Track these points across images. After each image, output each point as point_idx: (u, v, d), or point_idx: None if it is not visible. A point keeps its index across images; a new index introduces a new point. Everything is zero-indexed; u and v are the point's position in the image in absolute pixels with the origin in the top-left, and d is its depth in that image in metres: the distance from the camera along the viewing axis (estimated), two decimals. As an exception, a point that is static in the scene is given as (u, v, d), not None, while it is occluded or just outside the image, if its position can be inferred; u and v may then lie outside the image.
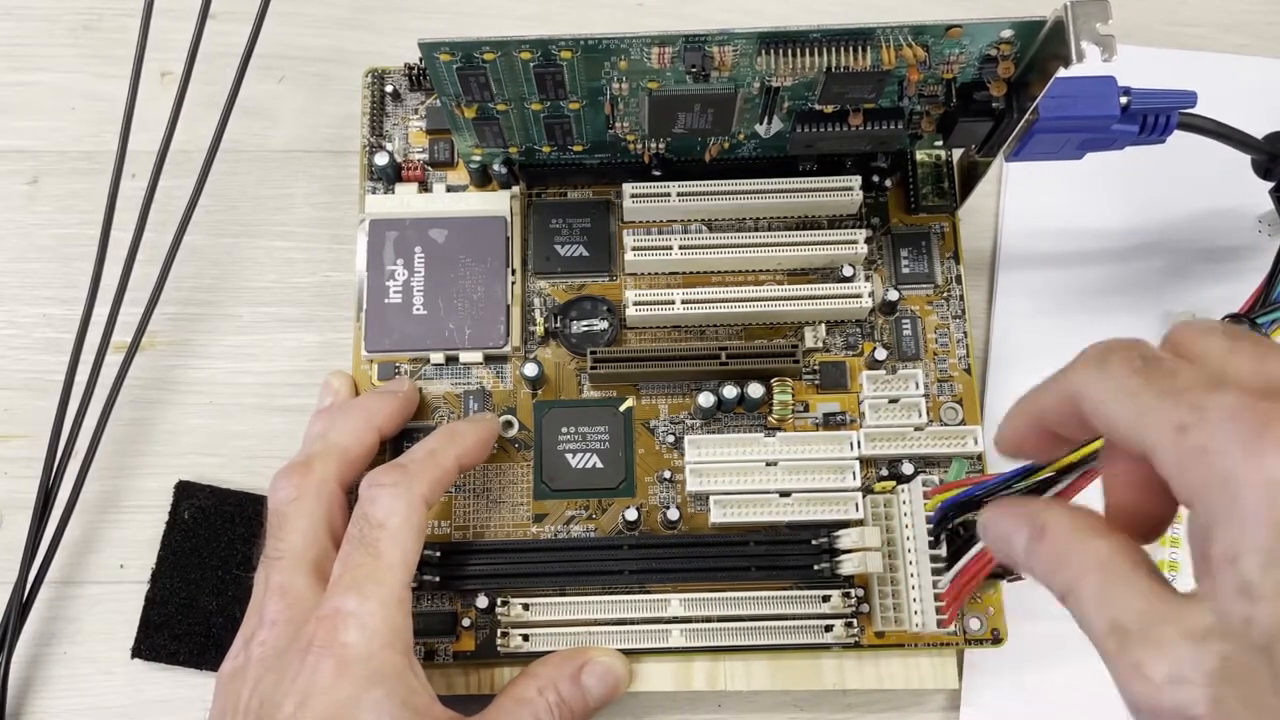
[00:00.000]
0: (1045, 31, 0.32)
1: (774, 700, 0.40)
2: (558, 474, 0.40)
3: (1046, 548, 0.25)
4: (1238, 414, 0.20)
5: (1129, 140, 0.37)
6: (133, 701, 0.40)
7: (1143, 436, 0.22)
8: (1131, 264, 0.44)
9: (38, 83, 0.47)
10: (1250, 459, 0.20)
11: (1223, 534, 0.20)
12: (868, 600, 0.38)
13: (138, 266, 0.41)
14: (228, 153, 0.44)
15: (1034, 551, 0.25)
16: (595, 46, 0.33)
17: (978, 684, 0.40)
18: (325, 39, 0.47)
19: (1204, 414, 0.21)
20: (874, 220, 0.43)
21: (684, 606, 0.38)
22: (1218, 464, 0.20)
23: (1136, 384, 0.22)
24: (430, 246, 0.41)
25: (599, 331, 0.41)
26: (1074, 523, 0.25)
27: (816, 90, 0.36)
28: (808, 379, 0.41)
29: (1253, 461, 0.20)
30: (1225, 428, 0.20)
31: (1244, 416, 0.20)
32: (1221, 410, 0.21)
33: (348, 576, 0.32)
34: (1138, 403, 0.22)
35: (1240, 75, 0.46)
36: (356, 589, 0.32)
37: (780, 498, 0.38)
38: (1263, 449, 0.20)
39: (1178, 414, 0.21)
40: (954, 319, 0.42)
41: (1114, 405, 0.23)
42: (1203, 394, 0.21)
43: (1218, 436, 0.20)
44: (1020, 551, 0.26)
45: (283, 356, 0.43)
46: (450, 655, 0.38)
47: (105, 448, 0.41)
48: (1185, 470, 0.21)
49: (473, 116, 0.37)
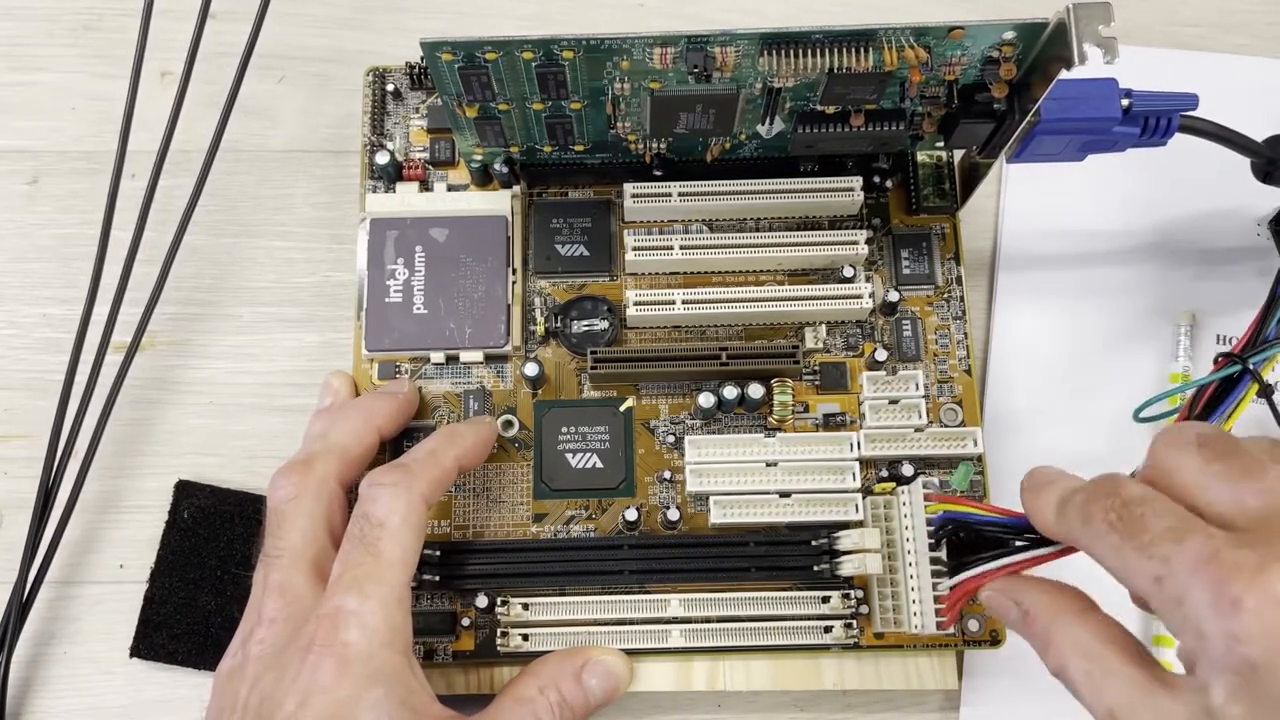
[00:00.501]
0: (1047, 33, 0.33)
1: (774, 700, 0.40)
2: (558, 474, 0.40)
3: (1031, 630, 0.28)
4: (1200, 568, 0.23)
5: (1130, 142, 0.37)
6: (133, 701, 0.40)
7: (1131, 586, 0.25)
8: (1132, 266, 0.44)
9: (38, 83, 0.46)
10: (1216, 618, 0.22)
11: (1200, 667, 0.23)
12: (867, 601, 0.38)
13: (138, 266, 0.41)
14: (228, 153, 0.44)
15: (1023, 632, 0.28)
16: (597, 46, 0.33)
17: (977, 684, 0.40)
18: (325, 39, 0.47)
19: (1171, 567, 0.23)
20: (875, 221, 0.43)
21: (684, 607, 0.38)
22: (1190, 616, 0.23)
23: (1116, 540, 0.25)
24: (431, 246, 0.41)
25: (599, 331, 0.41)
26: (1055, 605, 0.27)
27: (818, 91, 0.36)
28: (808, 380, 0.41)
29: (1219, 620, 0.22)
30: (1191, 583, 0.23)
31: (1206, 571, 0.23)
32: (1185, 565, 0.23)
33: (348, 575, 0.32)
34: (1121, 558, 0.25)
35: (1240, 76, 0.46)
36: (357, 588, 0.32)
37: (780, 498, 0.38)
38: (1221, 608, 0.22)
39: (1152, 566, 0.24)
40: (954, 320, 0.42)
41: (1104, 558, 0.25)
42: (1170, 545, 0.24)
43: (1188, 590, 0.23)
44: (1013, 627, 0.29)
45: (283, 356, 0.43)
46: (450, 655, 0.38)
47: (105, 448, 0.41)
48: (1167, 616, 0.24)
49: (474, 116, 0.37)
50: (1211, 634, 0.22)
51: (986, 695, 0.40)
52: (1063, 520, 0.27)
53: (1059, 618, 0.27)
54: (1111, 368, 0.43)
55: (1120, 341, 0.43)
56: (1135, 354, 0.43)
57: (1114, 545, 0.25)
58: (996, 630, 0.38)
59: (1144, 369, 0.43)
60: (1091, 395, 0.42)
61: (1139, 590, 0.24)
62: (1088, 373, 0.43)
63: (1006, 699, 0.39)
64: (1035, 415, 0.42)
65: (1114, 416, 0.42)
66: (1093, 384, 0.43)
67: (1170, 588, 0.23)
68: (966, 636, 0.38)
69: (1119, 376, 0.43)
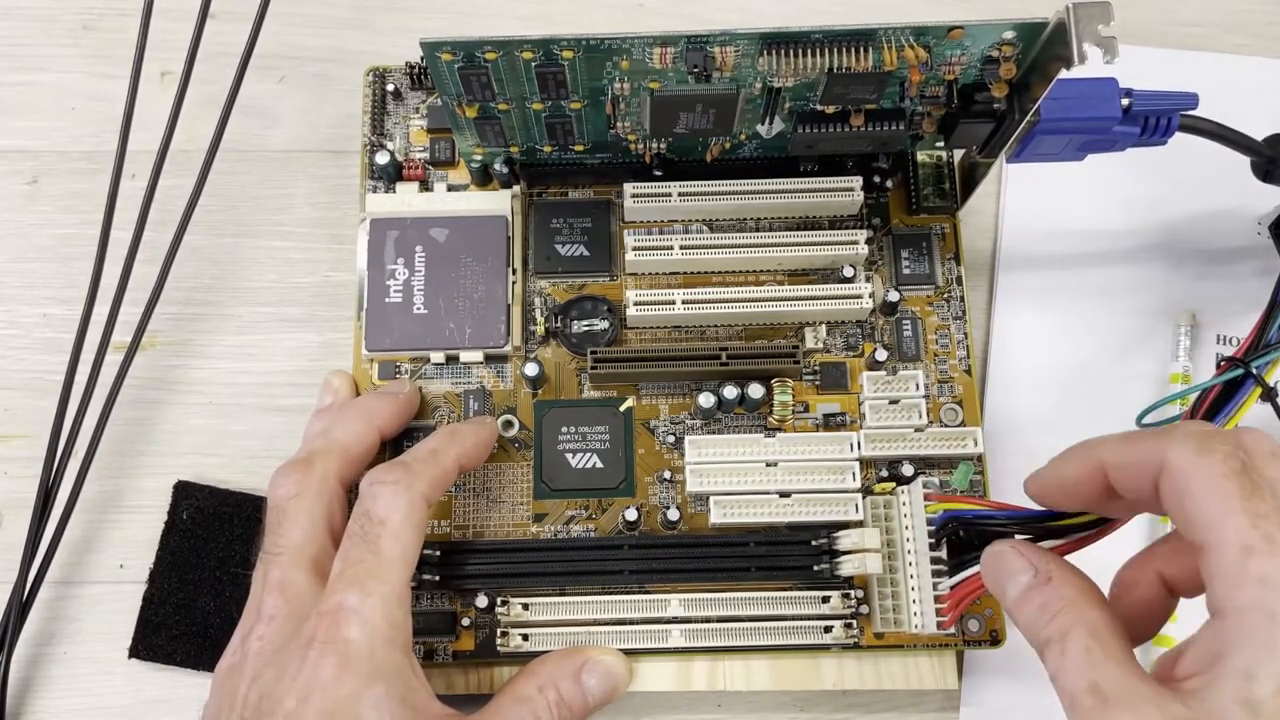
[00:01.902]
0: (1047, 33, 0.32)
1: (774, 700, 0.40)
2: (558, 474, 0.40)
3: (1045, 595, 0.27)
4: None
5: (1130, 142, 0.37)
6: (132, 701, 0.40)
7: (1209, 535, 0.23)
8: (1132, 265, 0.44)
9: (38, 83, 0.46)
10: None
11: (1247, 653, 0.22)
12: (867, 601, 0.38)
13: (138, 266, 0.41)
14: (228, 153, 0.44)
15: (1030, 596, 0.27)
16: (597, 46, 0.33)
17: (977, 684, 0.40)
18: (325, 39, 0.47)
19: (1275, 547, 0.22)
20: (875, 221, 0.43)
21: (684, 607, 0.38)
22: (1270, 598, 0.22)
23: (1232, 487, 0.23)
24: (431, 246, 0.41)
25: (599, 331, 0.41)
26: (1078, 583, 0.27)
27: (818, 91, 0.36)
28: (808, 379, 0.41)
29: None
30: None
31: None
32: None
33: (349, 573, 0.32)
34: (1225, 505, 0.23)
35: (1240, 75, 0.46)
36: (358, 585, 0.32)
37: (780, 498, 0.38)
38: None
39: (1254, 537, 0.23)
40: (954, 320, 0.42)
41: (1201, 495, 0.24)
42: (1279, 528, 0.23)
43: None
44: (1016, 590, 0.28)
45: (283, 356, 0.43)
46: (450, 654, 0.38)
47: (105, 448, 0.41)
48: (1237, 587, 0.23)
49: (474, 116, 0.37)
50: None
51: (986, 695, 0.40)
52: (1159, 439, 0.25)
53: (1080, 594, 0.26)
54: (1111, 367, 0.43)
55: (1120, 341, 0.43)
56: (1135, 354, 0.43)
57: (1225, 491, 0.23)
58: (996, 630, 0.38)
59: (1144, 369, 0.43)
60: (1091, 395, 0.42)
61: (1216, 540, 0.23)
62: (1088, 373, 0.43)
63: (1006, 699, 0.39)
64: (1035, 415, 0.42)
65: (1114, 416, 0.41)
66: (1093, 384, 0.43)
67: (1260, 564, 0.22)
68: (966, 636, 0.38)
69: (1119, 376, 0.43)
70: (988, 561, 0.30)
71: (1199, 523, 0.24)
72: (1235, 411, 0.36)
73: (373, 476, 0.34)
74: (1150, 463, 0.25)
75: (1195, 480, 0.24)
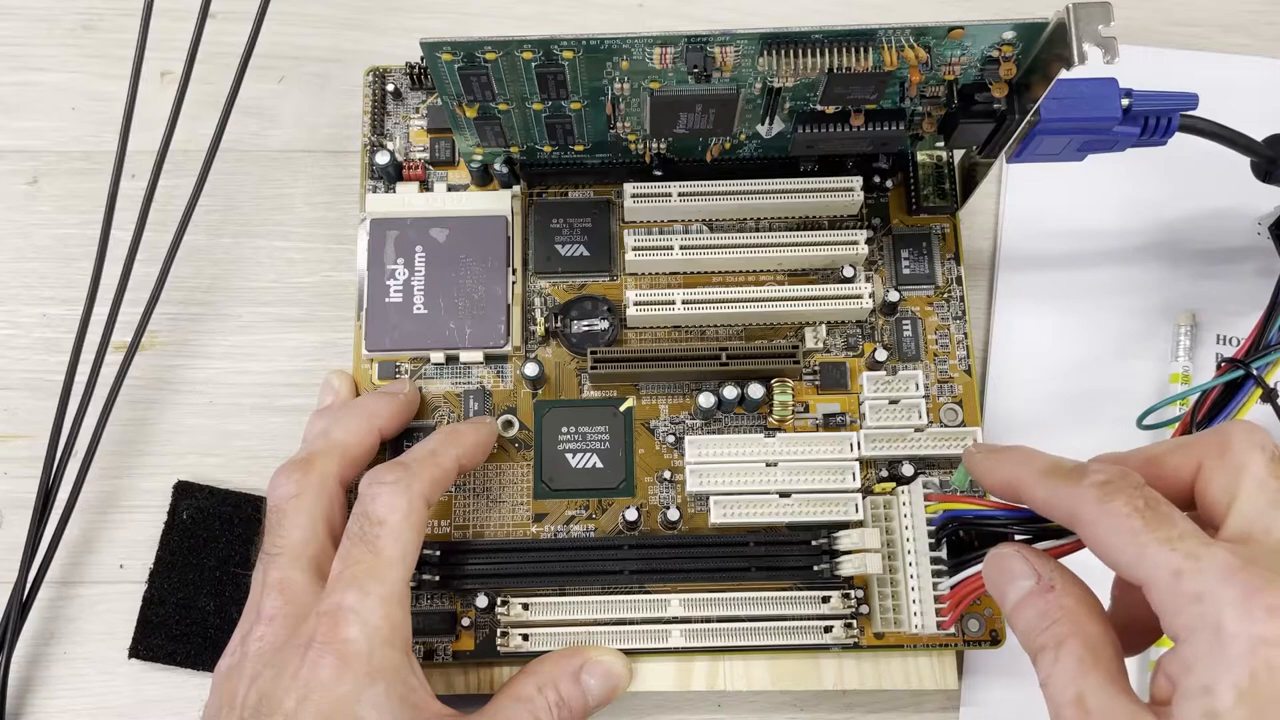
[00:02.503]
0: (1047, 33, 0.33)
1: (774, 700, 0.40)
2: (558, 474, 0.40)
3: (1045, 603, 0.27)
4: (1233, 572, 0.23)
5: (1130, 142, 0.37)
6: (132, 701, 0.40)
7: (1139, 574, 0.24)
8: (1131, 265, 0.44)
9: (38, 83, 0.46)
10: (1242, 617, 0.22)
11: (1203, 669, 0.23)
12: (867, 601, 0.38)
13: (138, 266, 0.41)
14: (228, 153, 0.44)
15: (1030, 601, 0.27)
16: (597, 47, 0.33)
17: (977, 684, 0.40)
18: (325, 39, 0.47)
19: (1200, 564, 0.23)
20: (875, 221, 0.43)
21: (684, 607, 0.38)
22: (1210, 612, 0.23)
23: (1138, 525, 0.25)
24: (431, 246, 0.41)
25: (599, 331, 0.41)
26: (1080, 595, 0.27)
27: (818, 91, 0.36)
28: (808, 379, 0.41)
29: (1244, 619, 0.22)
30: (1219, 583, 0.23)
31: (1239, 576, 0.23)
32: (1215, 566, 0.23)
33: (348, 573, 0.32)
34: (1137, 543, 0.24)
35: (1240, 75, 0.46)
36: (357, 585, 0.32)
37: (780, 498, 0.38)
38: (1252, 611, 0.22)
39: (1174, 559, 0.24)
40: (954, 320, 0.42)
41: (1113, 540, 0.25)
42: (1199, 545, 0.24)
43: (1214, 589, 0.23)
44: (1016, 594, 0.28)
45: (283, 356, 0.43)
46: (450, 654, 0.38)
47: (105, 448, 0.41)
48: (1178, 613, 0.24)
49: (474, 116, 0.37)
50: (1235, 633, 0.22)
51: (986, 695, 0.40)
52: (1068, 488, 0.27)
53: (1082, 606, 0.27)
54: (1111, 367, 0.43)
55: (1120, 341, 0.43)
56: (1135, 354, 0.43)
57: (1132, 529, 0.25)
58: (996, 630, 0.38)
59: (1144, 369, 0.43)
60: (1091, 395, 0.42)
61: (1145, 577, 0.24)
62: (1087, 373, 0.43)
63: (1006, 699, 0.39)
64: (1035, 415, 0.42)
65: (1114, 416, 0.42)
66: (1092, 384, 0.43)
67: (1191, 583, 0.23)
68: (966, 636, 0.38)
69: (1119, 376, 0.43)
70: (990, 563, 0.30)
71: (1123, 566, 0.25)
72: (1235, 412, 0.36)
73: (372, 477, 0.34)
74: (1063, 510, 0.27)
75: (1103, 528, 0.25)
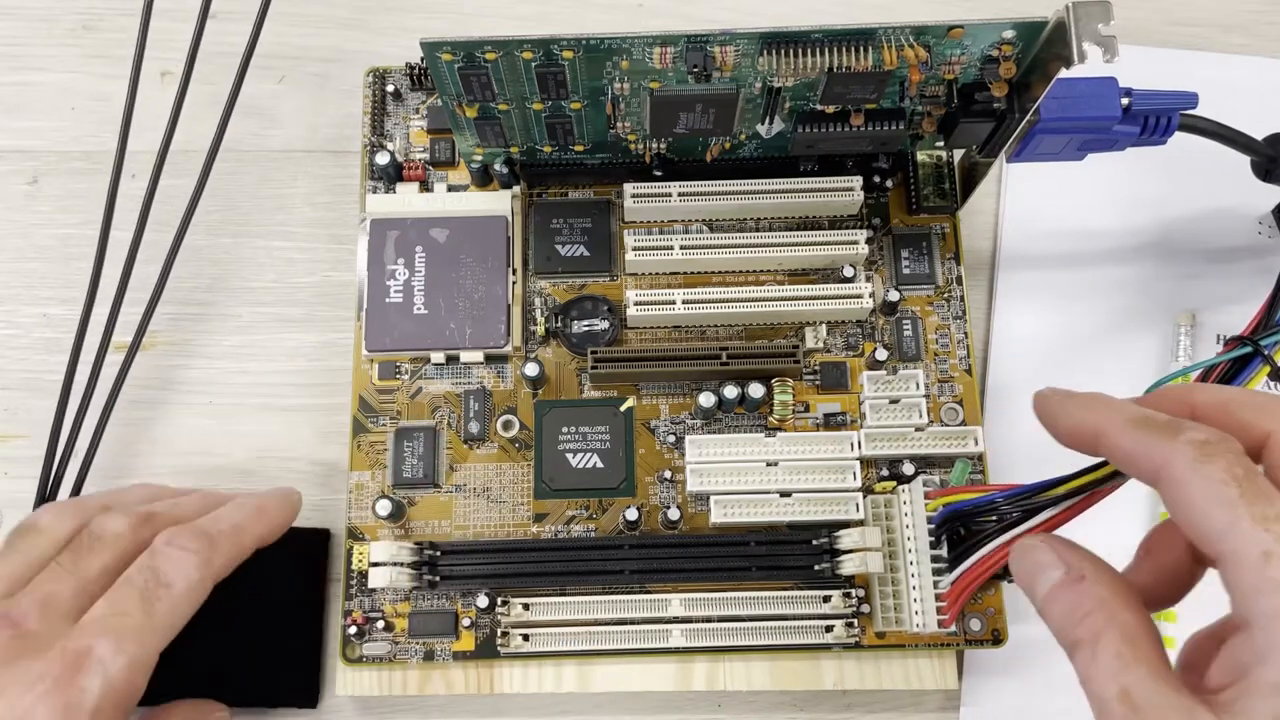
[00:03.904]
0: (1047, 32, 0.33)
1: (774, 700, 0.40)
2: (558, 474, 0.40)
3: (1077, 595, 0.25)
4: None
5: (1130, 141, 0.37)
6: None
7: (1222, 547, 0.23)
8: (1131, 265, 0.44)
9: (38, 83, 0.46)
10: None
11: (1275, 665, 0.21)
12: (868, 600, 0.38)
13: (138, 266, 0.41)
14: (228, 153, 0.44)
15: (1060, 594, 0.26)
16: (597, 47, 0.33)
17: (977, 684, 0.40)
18: (325, 39, 0.47)
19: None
20: (875, 221, 0.43)
21: (684, 606, 0.38)
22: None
23: (1234, 494, 0.23)
24: (431, 246, 0.41)
25: (600, 331, 0.41)
26: (1112, 583, 0.25)
27: (818, 91, 0.36)
28: (808, 379, 0.41)
29: None
30: None
31: None
32: None
33: (113, 621, 0.30)
34: (1231, 514, 0.23)
35: (1240, 75, 0.46)
36: (115, 638, 0.30)
37: (781, 498, 0.38)
38: None
39: (1267, 540, 0.22)
40: (954, 319, 0.42)
41: (1203, 505, 0.23)
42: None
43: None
44: (1045, 586, 0.26)
45: (283, 356, 0.43)
46: (450, 654, 0.38)
47: (105, 448, 0.40)
48: (1261, 595, 0.22)
49: (474, 116, 0.37)
50: None
51: (986, 695, 0.40)
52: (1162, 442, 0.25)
53: (1114, 594, 0.25)
54: (1112, 367, 0.43)
55: (1121, 341, 0.43)
56: (1136, 353, 0.43)
57: (1228, 499, 0.23)
58: (998, 630, 0.38)
59: (1144, 368, 0.43)
60: (1092, 395, 0.42)
61: (1230, 551, 0.23)
62: (1088, 372, 0.43)
63: (1006, 699, 0.39)
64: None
65: (1114, 416, 0.42)
66: (1093, 383, 0.42)
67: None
68: (968, 636, 0.38)
69: (1119, 376, 0.43)
70: (1017, 555, 0.28)
71: (1207, 534, 0.23)
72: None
73: (174, 536, 0.33)
74: (1149, 464, 0.25)
75: (1196, 490, 0.24)
